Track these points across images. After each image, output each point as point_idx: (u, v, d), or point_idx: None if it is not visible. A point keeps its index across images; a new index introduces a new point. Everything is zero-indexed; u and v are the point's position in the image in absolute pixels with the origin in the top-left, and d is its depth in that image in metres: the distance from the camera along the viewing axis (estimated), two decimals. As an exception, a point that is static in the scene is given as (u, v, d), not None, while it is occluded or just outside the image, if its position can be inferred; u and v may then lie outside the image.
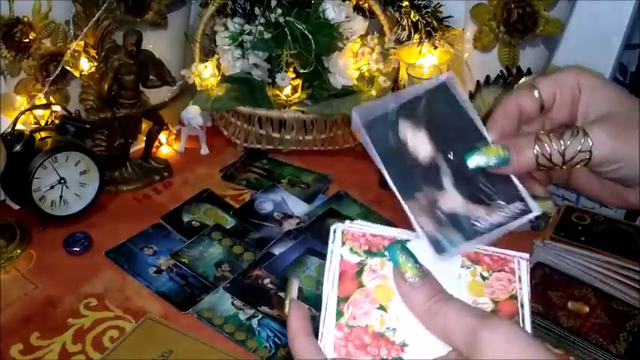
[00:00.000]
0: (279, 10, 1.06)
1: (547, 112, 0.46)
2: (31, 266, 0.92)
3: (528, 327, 0.39)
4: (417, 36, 1.11)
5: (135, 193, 1.07)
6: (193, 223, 1.00)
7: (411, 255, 0.40)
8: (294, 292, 0.45)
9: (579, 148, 0.41)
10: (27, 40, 0.99)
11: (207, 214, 1.02)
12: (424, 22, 1.10)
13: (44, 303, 0.86)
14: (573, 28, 1.10)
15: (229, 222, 1.00)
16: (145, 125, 1.10)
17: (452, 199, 0.43)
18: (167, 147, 1.17)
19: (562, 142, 0.41)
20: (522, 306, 0.40)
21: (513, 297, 0.40)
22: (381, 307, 0.40)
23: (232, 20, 1.11)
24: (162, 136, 1.15)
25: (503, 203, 0.43)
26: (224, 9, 1.13)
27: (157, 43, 1.13)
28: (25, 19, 0.98)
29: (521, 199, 0.43)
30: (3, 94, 1.02)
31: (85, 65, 1.02)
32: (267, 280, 0.89)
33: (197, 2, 1.20)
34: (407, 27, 1.11)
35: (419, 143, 0.43)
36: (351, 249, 0.42)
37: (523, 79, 0.47)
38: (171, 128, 1.17)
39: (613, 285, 0.85)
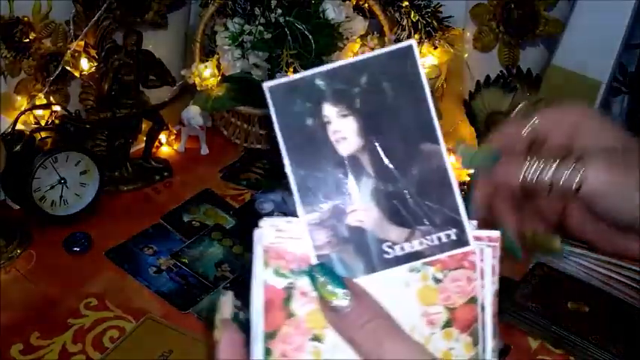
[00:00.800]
0: (279, 10, 1.06)
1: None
2: (31, 266, 0.92)
3: (489, 335, 0.34)
4: (417, 36, 1.11)
5: (135, 193, 1.07)
6: (193, 223, 1.00)
7: (331, 275, 0.33)
8: (226, 310, 0.36)
9: (571, 172, 0.36)
10: (27, 40, 0.99)
11: (207, 214, 1.02)
12: (424, 22, 1.10)
13: (44, 303, 0.86)
14: (573, 28, 1.10)
15: (229, 222, 1.00)
16: (145, 125, 1.10)
17: (365, 214, 0.34)
18: (167, 147, 1.17)
19: (553, 162, 0.37)
20: (483, 309, 0.34)
21: (473, 300, 0.34)
22: (315, 337, 0.34)
23: (232, 20, 1.11)
24: (163, 136, 1.15)
25: (431, 228, 0.34)
26: (224, 9, 1.13)
27: (157, 43, 1.13)
28: (25, 19, 0.98)
29: (458, 226, 0.34)
30: (3, 94, 1.02)
31: (85, 65, 1.01)
32: (267, 280, 0.89)
33: (197, 2, 1.20)
34: (407, 27, 1.11)
35: (344, 134, 0.34)
36: (276, 271, 0.34)
37: (521, 105, 0.42)
38: (172, 128, 1.17)
39: (613, 285, 0.85)
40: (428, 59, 1.12)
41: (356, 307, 0.32)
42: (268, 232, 0.34)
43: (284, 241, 0.34)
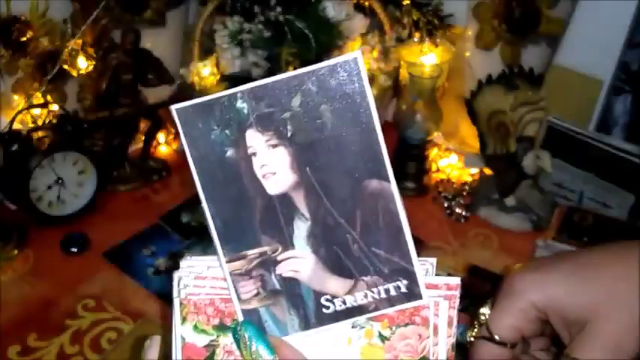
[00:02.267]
0: (279, 9, 1.05)
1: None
2: (28, 267, 0.91)
3: None
4: (417, 34, 1.11)
5: (133, 193, 1.06)
6: (192, 223, 0.99)
7: (258, 335, 0.28)
8: (152, 355, 0.31)
9: None
10: (24, 38, 0.98)
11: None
12: (425, 20, 1.09)
13: (42, 304, 0.85)
14: (575, 27, 1.10)
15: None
16: (143, 124, 1.09)
17: (300, 263, 0.29)
18: (165, 146, 1.16)
19: None
20: None
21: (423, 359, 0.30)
22: None
23: (231, 18, 1.10)
24: (161, 136, 1.14)
25: (378, 279, 0.29)
26: (223, 7, 1.12)
27: (156, 42, 1.12)
28: (23, 17, 0.97)
29: (409, 277, 0.30)
30: (0, 93, 1.01)
31: (83, 64, 1.01)
32: (266, 281, 0.89)
33: (196, 0, 1.19)
34: (408, 25, 1.10)
35: (273, 168, 0.29)
36: (195, 327, 0.30)
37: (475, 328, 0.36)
38: (170, 127, 1.16)
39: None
40: (429, 58, 1.11)
41: None
42: (186, 279, 0.29)
43: (204, 290, 0.29)
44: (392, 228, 0.29)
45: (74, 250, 0.93)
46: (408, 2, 1.10)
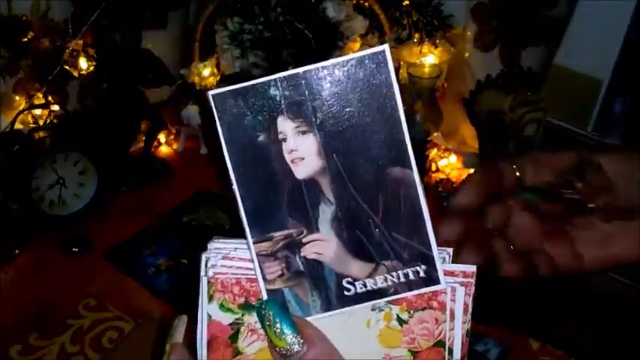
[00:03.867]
0: (279, 9, 1.05)
1: None
2: (29, 267, 0.91)
3: None
4: (417, 35, 1.11)
5: (134, 193, 1.06)
6: (193, 223, 1.00)
7: (281, 314, 0.30)
8: (179, 334, 0.32)
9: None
10: (25, 39, 0.98)
11: (206, 215, 1.01)
12: (425, 21, 1.10)
13: (43, 304, 0.86)
14: (574, 27, 1.10)
15: (228, 222, 1.00)
16: (144, 125, 1.09)
17: (324, 245, 0.31)
18: (166, 147, 1.16)
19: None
20: (451, 353, 0.31)
21: (439, 343, 0.31)
22: None
23: (232, 19, 1.10)
24: (162, 136, 1.15)
25: (397, 263, 0.31)
26: (223, 8, 1.12)
27: (156, 43, 1.12)
28: (24, 18, 0.97)
29: (428, 262, 0.31)
30: (1, 94, 1.02)
31: (84, 64, 1.01)
32: (267, 281, 0.89)
33: (196, 1, 1.19)
34: (407, 26, 1.11)
35: (302, 154, 0.30)
36: (221, 305, 0.31)
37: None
38: (171, 128, 1.16)
39: (614, 285, 0.85)
40: (429, 58, 1.12)
41: (308, 353, 0.29)
42: (214, 259, 0.31)
43: (231, 270, 0.31)
44: (412, 214, 0.30)
45: (75, 250, 0.94)
46: (408, 3, 1.11)
